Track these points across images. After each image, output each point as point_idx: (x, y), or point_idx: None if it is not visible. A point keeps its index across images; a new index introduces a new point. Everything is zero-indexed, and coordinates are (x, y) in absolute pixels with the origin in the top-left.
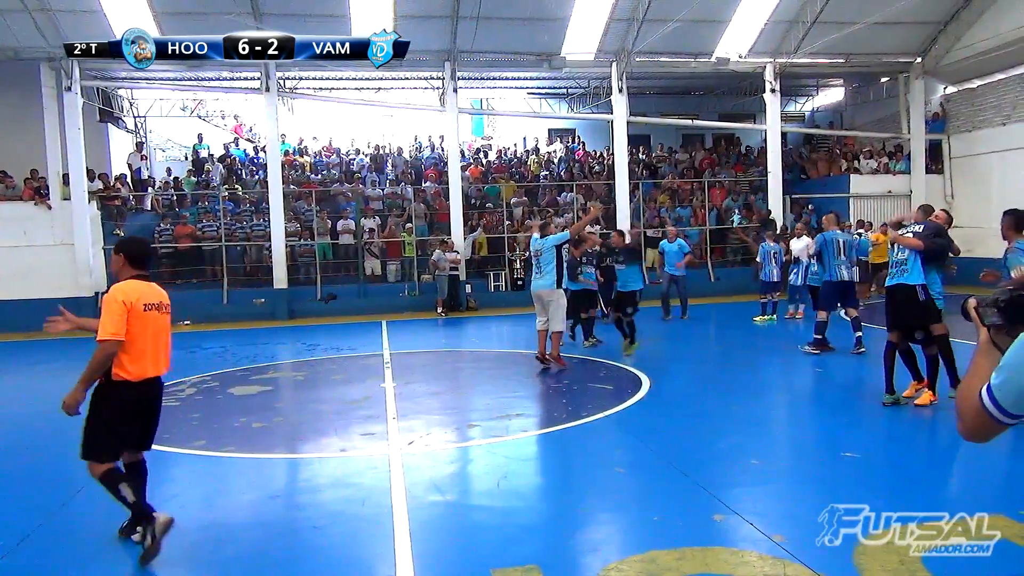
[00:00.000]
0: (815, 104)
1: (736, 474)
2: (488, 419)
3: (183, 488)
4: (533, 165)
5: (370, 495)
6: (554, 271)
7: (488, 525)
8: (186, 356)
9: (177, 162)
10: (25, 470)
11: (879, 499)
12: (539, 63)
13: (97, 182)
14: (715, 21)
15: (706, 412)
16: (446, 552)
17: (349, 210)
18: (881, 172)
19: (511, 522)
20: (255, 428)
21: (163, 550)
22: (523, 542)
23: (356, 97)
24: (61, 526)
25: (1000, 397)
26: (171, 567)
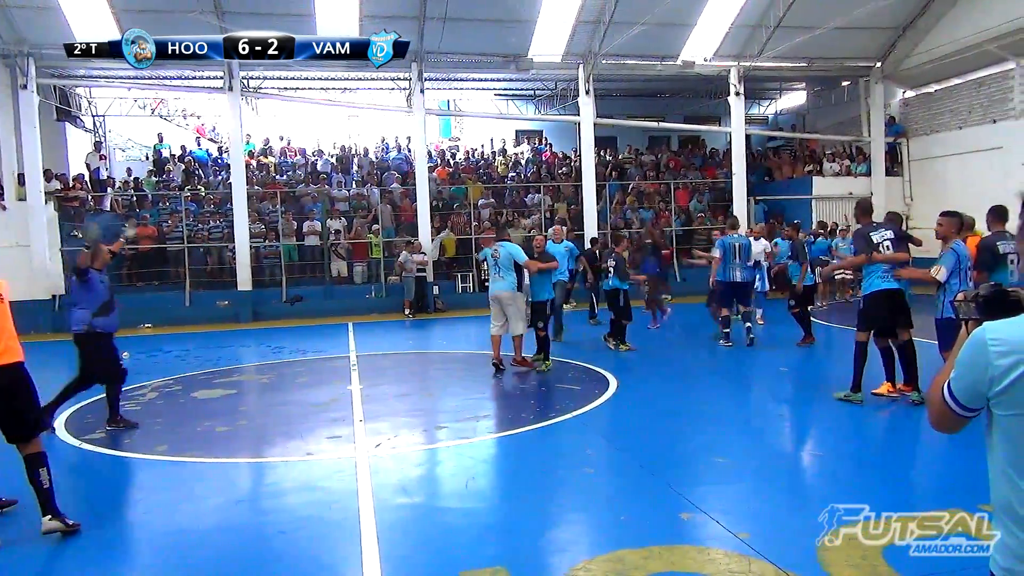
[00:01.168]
0: (778, 107)
1: (702, 472)
2: (456, 421)
3: (146, 494)
4: (500, 166)
5: (337, 498)
6: (513, 274)
7: (456, 527)
8: (147, 360)
9: (137, 162)
10: None
11: (843, 496)
12: (506, 64)
13: (54, 182)
14: (681, 24)
15: (672, 411)
16: (414, 555)
17: (315, 211)
18: (843, 174)
19: (479, 523)
20: (219, 432)
21: (126, 557)
22: (491, 543)
23: (321, 97)
24: (21, 533)
25: (956, 391)
26: (131, 573)
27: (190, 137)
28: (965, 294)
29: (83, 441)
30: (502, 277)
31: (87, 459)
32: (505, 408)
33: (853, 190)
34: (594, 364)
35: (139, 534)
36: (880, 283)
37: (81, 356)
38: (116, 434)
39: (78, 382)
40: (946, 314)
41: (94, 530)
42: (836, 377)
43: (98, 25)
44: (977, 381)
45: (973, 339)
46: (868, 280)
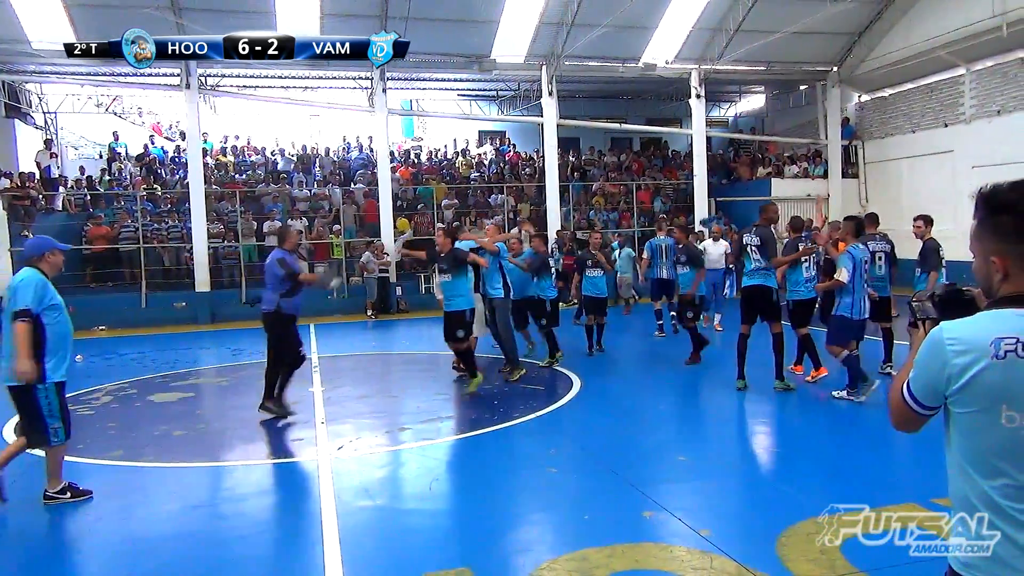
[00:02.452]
0: (738, 110)
1: (664, 471)
2: (418, 422)
3: (99, 500)
4: (462, 167)
5: (298, 502)
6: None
7: (419, 529)
8: (102, 363)
9: (91, 160)
10: None
11: (801, 492)
12: (469, 65)
13: (3, 181)
14: (642, 27)
15: (635, 411)
16: (377, 557)
17: (275, 211)
18: (802, 176)
19: (442, 525)
20: (176, 436)
21: (79, 564)
22: (454, 545)
23: (282, 96)
24: None
25: (915, 390)
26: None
27: (146, 135)
28: (920, 294)
29: None
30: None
31: (37, 465)
32: (468, 409)
33: (811, 192)
34: (558, 365)
35: (90, 541)
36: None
37: (269, 338)
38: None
39: (271, 366)
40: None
41: (43, 537)
42: (797, 377)
43: (49, 20)
44: (935, 380)
45: (931, 339)
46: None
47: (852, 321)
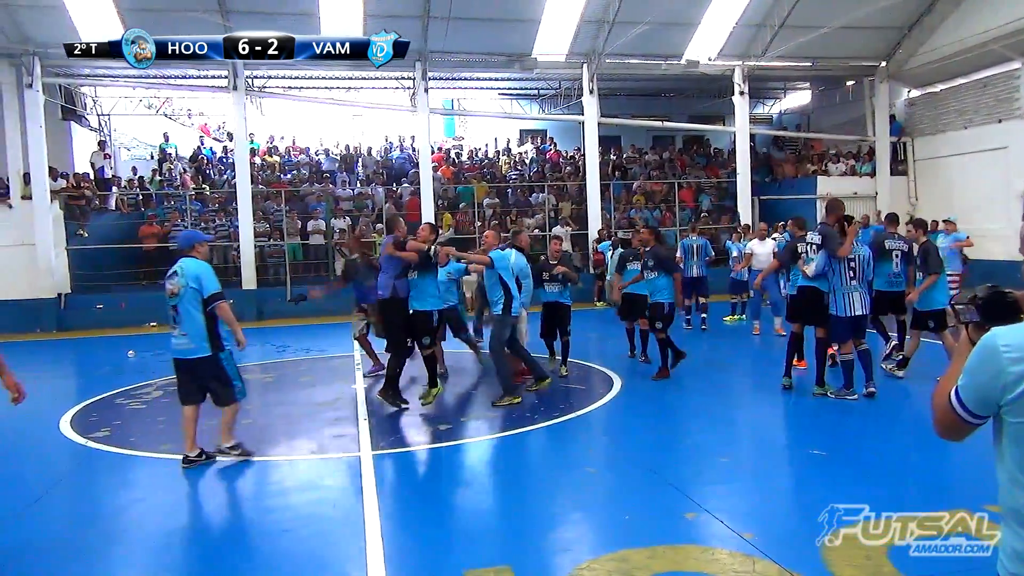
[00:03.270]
0: (783, 107)
1: (706, 472)
2: (460, 419)
3: (149, 492)
4: (504, 165)
5: (341, 497)
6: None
7: (460, 526)
8: (152, 358)
9: (142, 161)
10: None
11: (846, 496)
12: (510, 64)
13: (60, 181)
14: (685, 24)
15: (676, 411)
16: (418, 553)
17: (319, 210)
18: (848, 174)
19: (483, 523)
20: None
21: (129, 553)
22: (495, 542)
23: (326, 96)
24: (22, 533)
25: (965, 398)
26: (136, 572)
27: (195, 136)
28: (961, 296)
29: (88, 439)
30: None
31: (91, 457)
32: (510, 408)
33: (858, 190)
34: (599, 364)
35: (140, 532)
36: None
37: (386, 326)
38: (121, 432)
39: (394, 356)
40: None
41: (95, 528)
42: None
43: (103, 24)
44: (988, 388)
45: (983, 345)
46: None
47: (842, 319)
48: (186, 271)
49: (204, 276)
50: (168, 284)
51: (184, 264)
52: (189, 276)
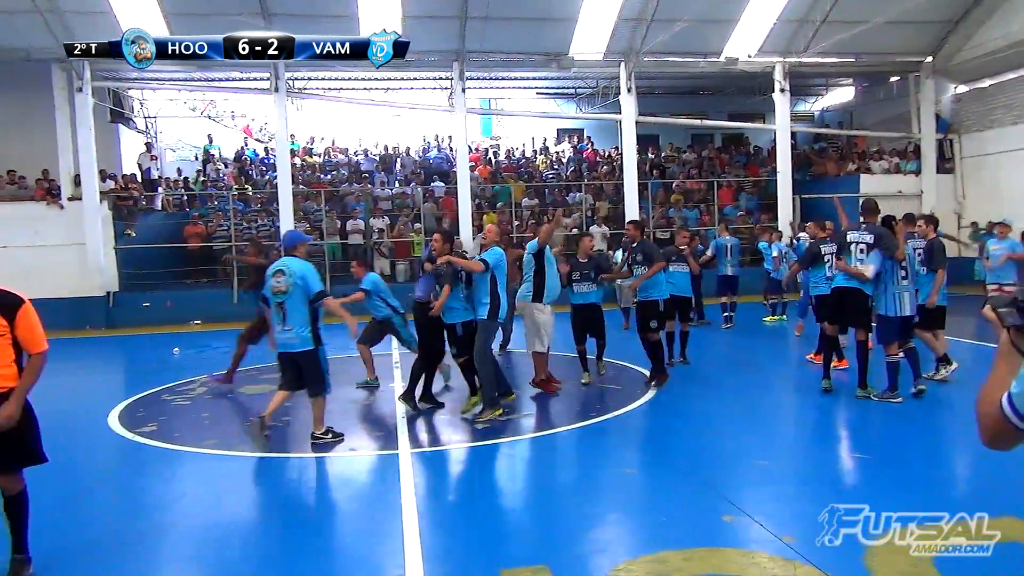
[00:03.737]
0: (824, 104)
1: (745, 474)
2: (497, 419)
3: (192, 487)
4: (541, 164)
5: (379, 495)
6: (529, 279)
7: (497, 525)
8: (196, 355)
9: (187, 162)
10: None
11: (886, 499)
12: (547, 63)
13: (109, 182)
14: (724, 21)
15: (714, 412)
16: (456, 552)
17: (358, 210)
18: (892, 172)
19: (520, 522)
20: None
21: (173, 546)
22: (532, 542)
23: (365, 97)
24: (73, 524)
25: (1020, 406)
26: (178, 566)
27: (238, 137)
28: (1001, 299)
29: (135, 433)
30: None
31: (138, 451)
32: (546, 407)
33: (902, 188)
34: (636, 364)
35: (183, 525)
36: (840, 280)
37: (419, 331)
38: (167, 427)
39: (422, 360)
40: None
41: (140, 521)
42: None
43: (149, 29)
44: None
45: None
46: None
47: (892, 319)
48: (292, 270)
49: (309, 275)
50: (274, 282)
51: (289, 263)
52: (296, 274)
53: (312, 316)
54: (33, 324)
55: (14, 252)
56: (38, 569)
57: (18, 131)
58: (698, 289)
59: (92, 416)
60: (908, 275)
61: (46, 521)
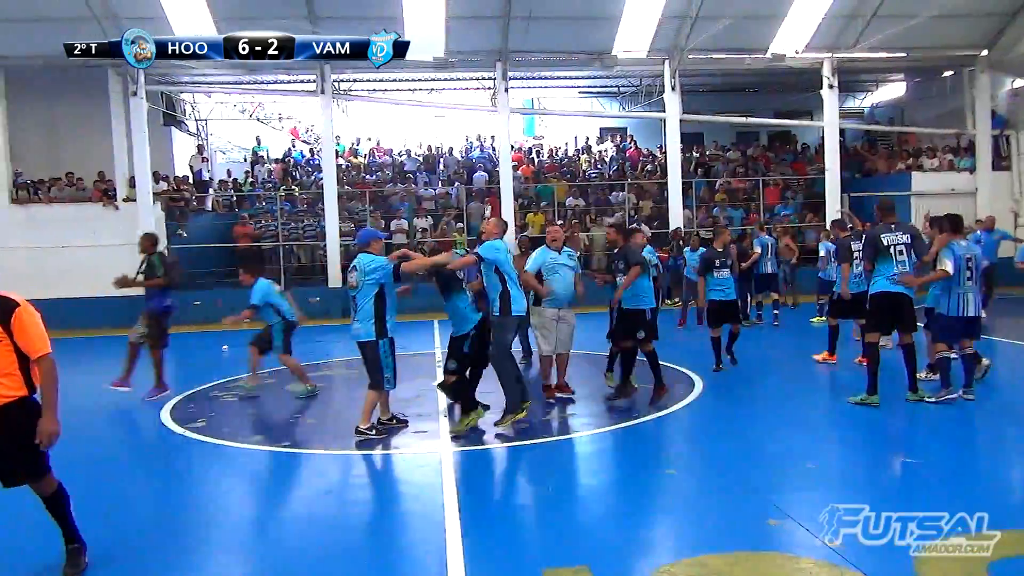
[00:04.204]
0: (874, 100)
1: (790, 478)
2: (540, 418)
3: (240, 482)
4: (584, 163)
5: (421, 492)
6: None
7: (539, 524)
8: (244, 353)
9: (236, 164)
10: (92, 459)
11: (938, 505)
12: (590, 62)
13: (162, 184)
14: (770, 16)
15: (761, 413)
16: (497, 551)
17: (402, 210)
18: (945, 169)
19: (561, 522)
20: (308, 424)
21: (220, 539)
22: (574, 542)
23: (409, 98)
24: (128, 517)
25: None
26: (224, 559)
27: (286, 139)
28: None
29: (186, 429)
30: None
31: (189, 446)
32: (589, 407)
33: (956, 186)
34: (680, 365)
35: (230, 519)
36: (886, 285)
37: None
38: (216, 423)
39: (474, 366)
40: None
41: (188, 514)
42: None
43: (200, 32)
44: None
45: None
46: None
47: (954, 319)
48: (362, 266)
49: (379, 267)
50: (349, 278)
51: (361, 259)
52: (364, 270)
53: (378, 311)
54: (29, 327)
55: (73, 252)
56: (92, 559)
57: (76, 135)
58: (747, 289)
59: (146, 411)
60: (973, 276)
61: (100, 511)
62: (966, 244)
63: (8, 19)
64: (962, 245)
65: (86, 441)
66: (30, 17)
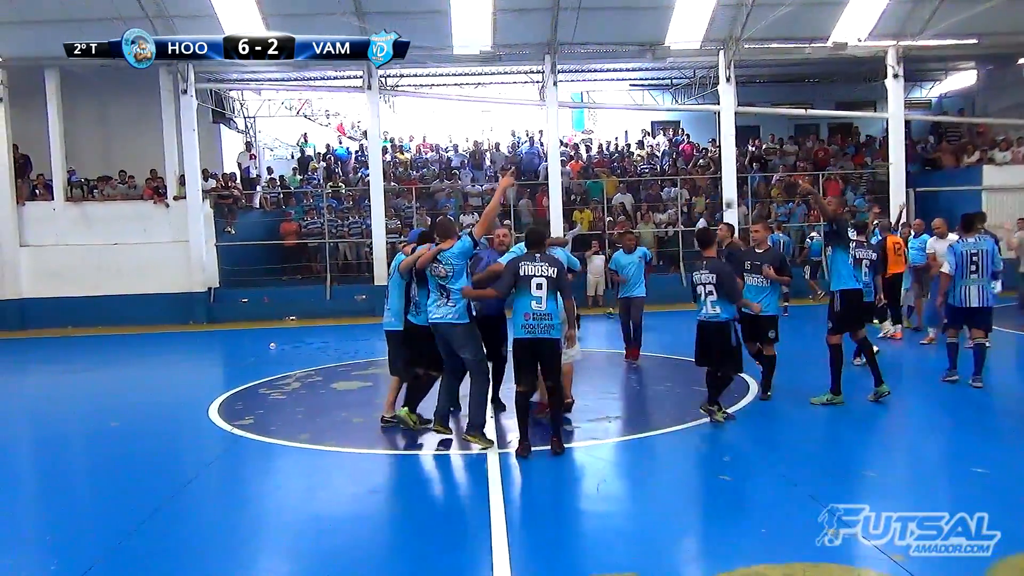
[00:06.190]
0: (943, 90)
1: (851, 486)
2: (587, 421)
3: (287, 480)
4: (639, 159)
5: (467, 495)
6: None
7: (586, 529)
8: (292, 351)
9: (283, 161)
10: (143, 454)
11: (1010, 518)
12: (642, 53)
13: (211, 181)
14: (831, 3)
15: (819, 419)
16: (544, 554)
17: (449, 206)
18: (1019, 163)
19: (609, 527)
20: (356, 423)
21: (269, 537)
22: (622, 548)
23: (456, 93)
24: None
25: None
26: (273, 558)
27: (332, 136)
28: None
29: (233, 426)
30: None
31: (237, 443)
32: (638, 410)
33: None
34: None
35: (280, 518)
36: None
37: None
38: (263, 420)
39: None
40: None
41: (237, 511)
42: (1005, 393)
43: (249, 30)
44: None
45: None
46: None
47: (956, 308)
48: (447, 256)
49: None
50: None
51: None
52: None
53: (403, 299)
54: None
55: (127, 249)
56: (140, 556)
57: (128, 133)
58: None
59: (195, 408)
60: (979, 269)
61: (151, 507)
62: (973, 240)
63: (62, 20)
64: (968, 242)
65: (135, 437)
66: (83, 18)
